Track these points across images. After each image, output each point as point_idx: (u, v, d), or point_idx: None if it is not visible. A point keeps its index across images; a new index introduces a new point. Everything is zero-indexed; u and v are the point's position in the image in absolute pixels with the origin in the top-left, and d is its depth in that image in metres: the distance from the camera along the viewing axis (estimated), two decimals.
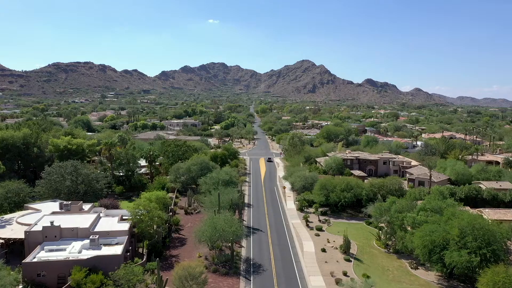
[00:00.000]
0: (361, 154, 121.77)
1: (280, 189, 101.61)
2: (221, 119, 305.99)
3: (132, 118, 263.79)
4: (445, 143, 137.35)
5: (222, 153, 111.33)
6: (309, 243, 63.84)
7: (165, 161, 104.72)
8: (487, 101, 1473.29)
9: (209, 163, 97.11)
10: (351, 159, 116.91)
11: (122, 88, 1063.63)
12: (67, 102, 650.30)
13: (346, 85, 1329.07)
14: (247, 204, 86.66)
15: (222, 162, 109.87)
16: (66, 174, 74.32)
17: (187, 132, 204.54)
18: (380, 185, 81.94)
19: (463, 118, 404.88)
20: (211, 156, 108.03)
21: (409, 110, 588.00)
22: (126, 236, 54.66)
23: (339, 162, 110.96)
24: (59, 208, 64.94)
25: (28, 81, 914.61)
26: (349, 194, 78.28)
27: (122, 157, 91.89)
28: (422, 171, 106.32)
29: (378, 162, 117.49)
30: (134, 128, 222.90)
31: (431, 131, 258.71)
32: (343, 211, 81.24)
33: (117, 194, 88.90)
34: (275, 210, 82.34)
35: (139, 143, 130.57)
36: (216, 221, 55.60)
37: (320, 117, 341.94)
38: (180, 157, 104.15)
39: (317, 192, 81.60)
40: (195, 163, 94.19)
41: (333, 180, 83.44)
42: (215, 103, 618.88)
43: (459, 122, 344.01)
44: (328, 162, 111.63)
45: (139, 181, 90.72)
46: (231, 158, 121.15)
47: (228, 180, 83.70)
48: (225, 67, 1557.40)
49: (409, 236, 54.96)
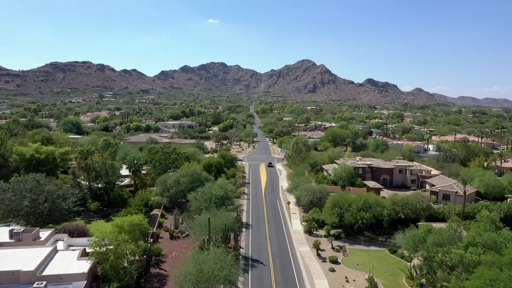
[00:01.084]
0: (373, 162, 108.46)
1: (283, 202, 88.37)
2: (219, 120, 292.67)
3: (125, 119, 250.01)
4: (465, 148, 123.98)
5: (218, 162, 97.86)
6: (322, 282, 50.54)
7: (151, 171, 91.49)
8: (488, 101, 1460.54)
9: (201, 174, 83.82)
10: (363, 168, 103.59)
11: (121, 88, 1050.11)
12: (64, 102, 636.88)
13: (347, 85, 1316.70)
14: (245, 224, 73.43)
15: (217, 172, 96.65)
16: (26, 191, 61.10)
17: (182, 134, 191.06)
18: (403, 203, 68.75)
19: (469, 118, 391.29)
20: (205, 165, 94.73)
21: (412, 110, 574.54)
22: (85, 281, 41.52)
23: (350, 171, 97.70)
24: (9, 236, 51.82)
25: (25, 81, 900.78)
26: (367, 215, 65.05)
27: (99, 167, 78.67)
28: (445, 182, 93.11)
29: (394, 170, 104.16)
30: (126, 130, 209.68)
31: (440, 133, 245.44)
32: (359, 233, 68.06)
33: (93, 211, 75.70)
34: (279, 233, 69.09)
35: (126, 149, 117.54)
36: (204, 260, 42.38)
37: (323, 118, 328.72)
38: (169, 166, 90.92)
39: (329, 211, 68.38)
40: (185, 174, 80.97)
41: (347, 196, 70.16)
42: (215, 103, 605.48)
43: (466, 123, 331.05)
44: (337, 171, 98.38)
45: (119, 195, 77.46)
46: (228, 166, 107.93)
47: (223, 196, 70.55)
48: (225, 66, 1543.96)
49: (455, 281, 41.72)
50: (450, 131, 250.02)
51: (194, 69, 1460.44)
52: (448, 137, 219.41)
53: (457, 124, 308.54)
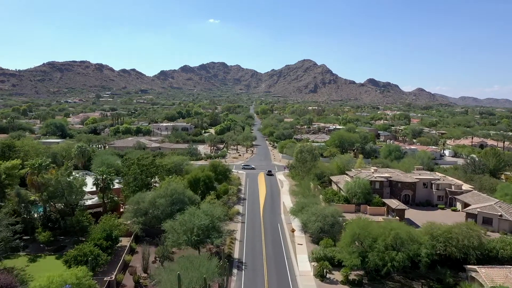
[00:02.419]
0: (392, 174, 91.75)
1: (286, 228, 71.80)
2: (217, 121, 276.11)
3: (115, 120, 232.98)
4: (495, 156, 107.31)
5: (206, 176, 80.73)
6: None
7: (125, 188, 74.93)
8: (489, 101, 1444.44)
9: (184, 192, 67.14)
10: (380, 182, 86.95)
11: (119, 88, 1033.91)
12: (59, 102, 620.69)
13: (348, 85, 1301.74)
14: (237, 261, 56.94)
15: (206, 188, 80.00)
16: None
17: (174, 138, 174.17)
18: (445, 238, 52.19)
19: (477, 120, 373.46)
20: (191, 180, 77.95)
21: (416, 111, 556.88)
22: None
23: (365, 186, 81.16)
24: None
25: (21, 81, 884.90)
26: (400, 256, 48.46)
27: (53, 186, 62.27)
28: (483, 201, 76.50)
29: (417, 185, 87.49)
30: (114, 133, 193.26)
31: (453, 135, 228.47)
32: (387, 278, 51.59)
33: (43, 243, 59.30)
34: (281, 277, 52.52)
35: (103, 157, 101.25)
36: None
37: (326, 119, 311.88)
38: (146, 182, 74.31)
39: (347, 247, 51.80)
40: (163, 194, 64.44)
41: (370, 227, 53.50)
42: (214, 104, 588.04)
43: (476, 125, 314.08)
44: (350, 186, 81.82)
45: (77, 222, 60.87)
46: (220, 179, 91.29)
47: (208, 226, 54.17)
48: (225, 66, 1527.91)
49: None
50: (463, 133, 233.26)
51: (194, 69, 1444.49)
52: (463, 140, 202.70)
53: (468, 126, 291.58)
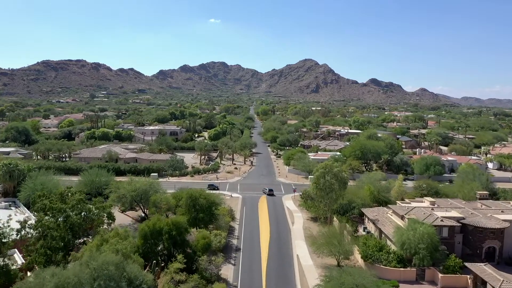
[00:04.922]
0: (463, 212, 60.46)
1: None
2: (212, 124, 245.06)
3: (94, 123, 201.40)
4: None
5: (174, 225, 48.51)
6: None
7: (29, 258, 43.87)
8: (492, 102, 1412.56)
9: (124, 267, 36.14)
10: (450, 227, 55.84)
11: (116, 87, 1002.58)
12: (50, 102, 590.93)
13: (351, 85, 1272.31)
14: None
15: (174, 244, 48.51)
16: None
17: (157, 146, 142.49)
18: None
19: (493, 121, 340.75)
20: (146, 234, 46.61)
21: (424, 111, 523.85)
22: None
23: (431, 238, 50.12)
24: None
25: (13, 80, 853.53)
26: None
27: None
28: None
29: (506, 232, 56.41)
30: (87, 139, 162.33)
31: (483, 141, 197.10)
32: None
33: None
34: None
35: (41, 180, 70.64)
36: None
37: (334, 121, 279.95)
38: (68, 244, 43.10)
39: None
40: (89, 274, 33.50)
41: None
42: (212, 104, 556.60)
43: (500, 128, 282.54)
44: (407, 238, 50.78)
45: None
46: (201, 220, 59.80)
47: None
48: (225, 66, 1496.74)
49: None
50: (493, 139, 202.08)
51: (194, 68, 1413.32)
52: (500, 148, 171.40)
53: (494, 130, 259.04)
